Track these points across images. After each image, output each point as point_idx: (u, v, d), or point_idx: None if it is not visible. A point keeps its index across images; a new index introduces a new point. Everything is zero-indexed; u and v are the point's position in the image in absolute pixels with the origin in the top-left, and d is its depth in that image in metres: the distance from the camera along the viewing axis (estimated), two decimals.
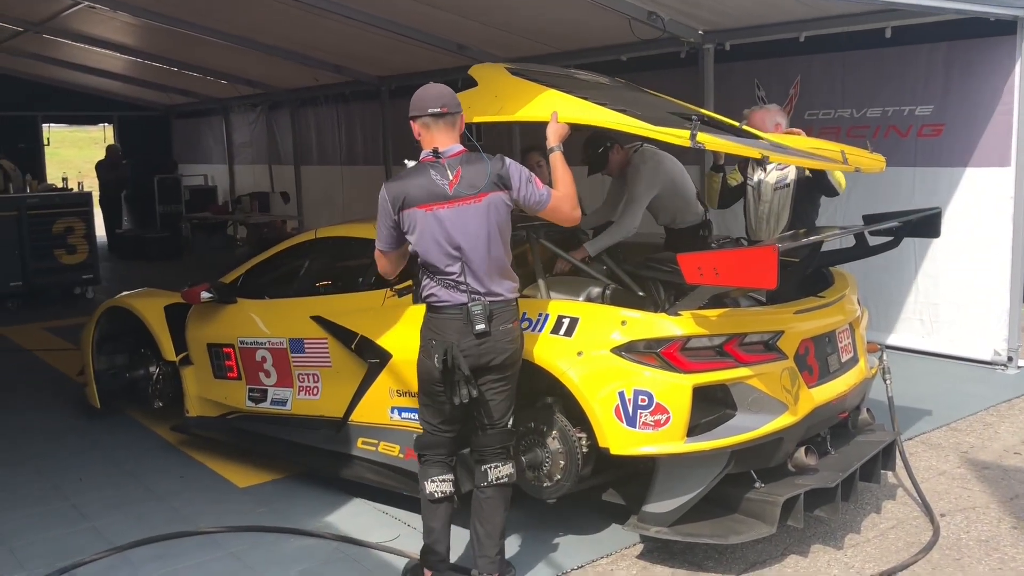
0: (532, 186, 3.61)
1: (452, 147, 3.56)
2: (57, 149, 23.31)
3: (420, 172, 3.53)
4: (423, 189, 3.49)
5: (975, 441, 5.28)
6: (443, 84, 3.64)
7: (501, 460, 3.61)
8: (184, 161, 17.55)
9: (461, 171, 3.50)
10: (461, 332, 3.48)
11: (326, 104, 13.66)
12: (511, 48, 9.42)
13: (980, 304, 6.71)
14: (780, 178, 5.32)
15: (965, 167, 6.68)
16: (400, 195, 3.50)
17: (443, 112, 3.54)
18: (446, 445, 3.68)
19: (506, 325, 3.53)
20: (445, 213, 3.47)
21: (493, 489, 3.59)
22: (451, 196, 3.48)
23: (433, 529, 3.66)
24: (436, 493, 3.62)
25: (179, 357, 5.53)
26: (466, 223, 3.48)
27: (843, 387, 4.20)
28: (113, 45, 12.49)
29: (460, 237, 3.47)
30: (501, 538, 3.64)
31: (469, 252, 3.48)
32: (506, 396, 3.62)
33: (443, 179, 3.49)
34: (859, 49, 7.21)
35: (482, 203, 3.49)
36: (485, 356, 3.50)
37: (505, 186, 3.54)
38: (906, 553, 3.93)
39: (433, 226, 3.48)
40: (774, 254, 3.40)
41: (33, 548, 4.21)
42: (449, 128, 3.57)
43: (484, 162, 3.55)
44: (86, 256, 11.08)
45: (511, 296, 3.59)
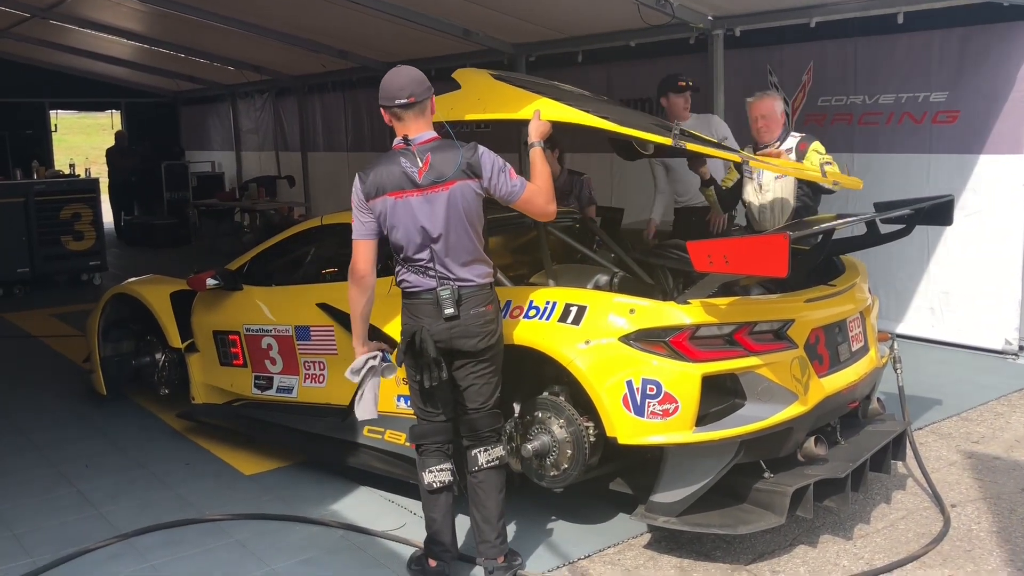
0: (505, 176, 3.59)
1: (423, 134, 3.58)
2: (65, 135, 23.31)
3: (391, 160, 3.56)
4: (393, 177, 3.52)
5: (986, 431, 5.24)
6: (411, 68, 3.62)
7: (491, 443, 3.65)
8: (191, 148, 17.57)
9: (431, 158, 3.52)
10: (432, 316, 3.54)
11: (333, 90, 13.62)
12: (518, 33, 9.36)
13: (991, 293, 6.66)
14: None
15: (979, 154, 6.61)
16: (371, 183, 3.55)
17: (410, 103, 3.54)
18: (440, 433, 3.69)
19: (477, 309, 3.56)
20: (415, 200, 3.51)
21: (484, 473, 3.62)
22: (420, 184, 3.51)
23: (434, 520, 3.67)
24: (434, 483, 3.64)
25: (185, 344, 5.52)
26: (435, 210, 3.51)
27: (853, 376, 4.16)
28: (120, 31, 12.46)
29: (429, 224, 3.51)
30: (499, 522, 3.64)
31: (437, 239, 3.52)
32: (488, 381, 3.64)
33: (413, 167, 3.52)
34: (871, 35, 7.13)
35: (449, 191, 3.51)
36: (457, 340, 3.54)
37: (475, 174, 3.54)
38: (916, 544, 3.90)
39: (403, 213, 3.51)
40: (785, 242, 3.36)
41: (39, 535, 4.21)
42: (419, 116, 3.57)
43: (455, 150, 3.56)
44: (93, 243, 11.10)
45: (482, 281, 3.61)
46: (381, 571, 3.78)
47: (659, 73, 8.68)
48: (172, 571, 3.83)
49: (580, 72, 9.46)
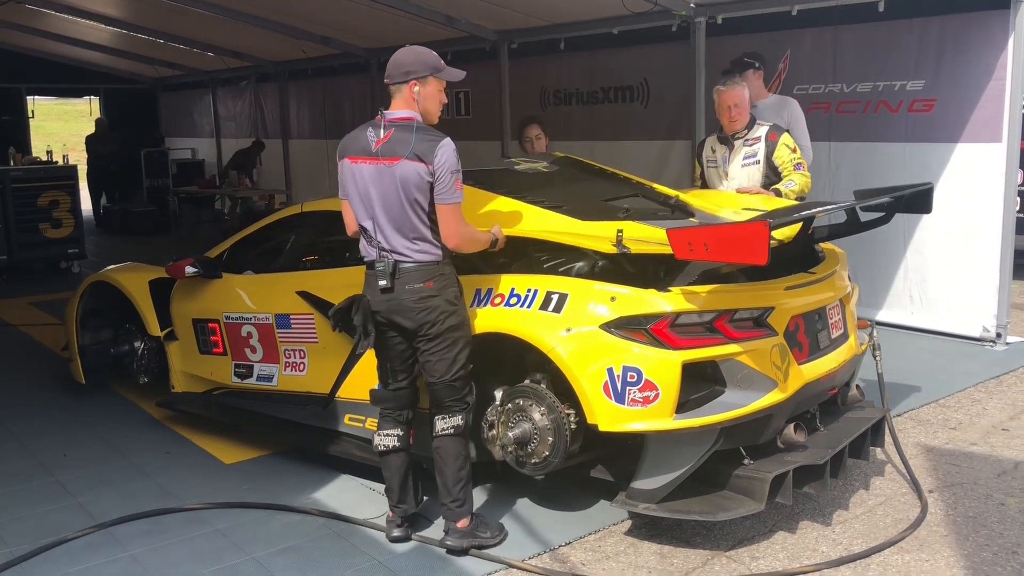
0: (449, 179, 3.61)
1: (399, 112, 3.71)
2: (42, 122, 23.10)
3: (362, 128, 3.77)
4: (356, 143, 3.74)
5: (963, 418, 5.28)
6: (408, 50, 3.76)
7: (448, 412, 3.75)
8: (171, 135, 17.40)
9: (392, 134, 3.66)
10: (373, 288, 3.72)
11: (314, 77, 13.52)
12: (501, 21, 9.33)
13: (970, 280, 6.71)
14: (748, 154, 5.34)
15: (956, 143, 6.65)
16: (341, 146, 3.81)
17: (387, 83, 3.75)
18: (393, 400, 3.89)
19: (413, 285, 3.65)
20: (366, 168, 3.69)
21: (440, 439, 3.76)
22: (373, 153, 3.67)
23: (387, 477, 3.94)
24: (380, 446, 3.90)
25: (164, 332, 5.48)
26: (380, 182, 3.65)
27: (833, 363, 4.18)
28: (98, 16, 12.32)
29: (373, 193, 3.67)
30: (456, 486, 3.75)
31: (379, 210, 3.67)
32: (441, 358, 3.71)
33: (375, 136, 3.69)
34: (851, 23, 7.15)
35: (394, 167, 3.62)
36: (394, 314, 3.70)
37: (422, 159, 3.59)
38: (894, 530, 3.93)
39: (355, 178, 3.72)
40: (765, 230, 3.36)
41: (17, 525, 4.18)
42: (396, 96, 3.73)
43: (416, 134, 3.63)
44: (72, 230, 11.01)
45: (423, 258, 3.67)
46: (362, 559, 3.78)
47: (641, 60, 8.75)
48: (152, 561, 3.81)
49: (562, 60, 9.46)
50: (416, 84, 3.69)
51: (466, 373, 3.79)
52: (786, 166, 5.30)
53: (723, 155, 5.45)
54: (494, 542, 3.81)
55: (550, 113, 9.66)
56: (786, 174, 5.29)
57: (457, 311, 3.74)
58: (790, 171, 5.29)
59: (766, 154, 5.31)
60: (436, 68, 3.73)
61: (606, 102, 9.23)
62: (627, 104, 9.02)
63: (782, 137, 5.32)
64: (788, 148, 5.30)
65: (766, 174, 5.34)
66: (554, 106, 9.78)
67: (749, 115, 5.38)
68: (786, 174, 5.29)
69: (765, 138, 5.33)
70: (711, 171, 5.54)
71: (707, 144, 5.62)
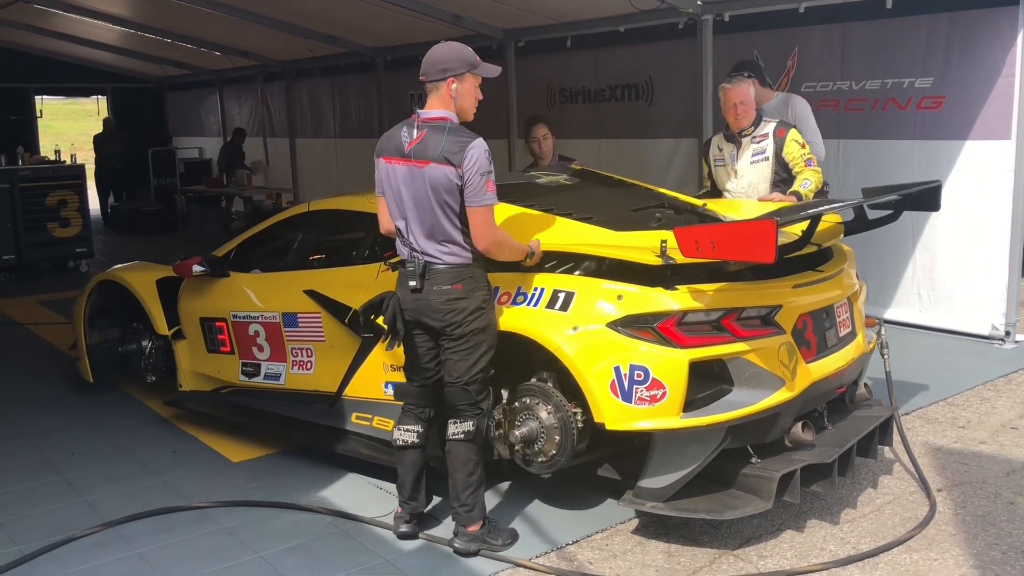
0: (479, 180, 3.57)
1: (434, 111, 3.69)
2: (50, 121, 23.13)
3: (399, 127, 3.75)
4: (391, 142, 3.73)
5: (972, 416, 5.26)
6: (444, 46, 3.72)
7: (461, 417, 3.74)
8: (178, 134, 17.44)
9: (425, 135, 3.63)
10: (404, 286, 3.72)
11: (321, 76, 13.53)
12: (508, 19, 9.32)
13: (979, 278, 6.68)
14: (757, 151, 5.32)
15: (965, 140, 6.62)
16: (379, 143, 3.80)
17: (423, 80, 3.71)
18: (416, 396, 3.90)
19: (441, 287, 3.65)
20: (399, 169, 3.68)
21: (451, 444, 3.76)
22: (406, 154, 3.65)
23: (400, 472, 3.94)
24: (399, 440, 3.89)
25: (172, 331, 5.49)
26: (412, 184, 3.65)
27: (841, 362, 4.17)
28: (106, 16, 12.34)
29: (405, 195, 3.67)
30: (466, 492, 3.74)
31: (410, 212, 3.67)
32: (462, 358, 3.70)
33: (408, 137, 3.67)
34: (859, 20, 7.12)
35: (424, 170, 3.61)
36: (422, 313, 3.70)
37: (452, 163, 3.57)
38: (902, 528, 3.92)
39: (389, 178, 3.72)
40: (773, 228, 3.35)
41: (25, 523, 4.19)
42: (432, 94, 3.70)
43: (448, 135, 3.60)
44: (80, 229, 11.04)
45: (453, 261, 3.67)
46: (370, 557, 3.78)
47: (648, 58, 8.74)
48: (160, 559, 3.82)
49: (569, 57, 9.45)
50: (454, 81, 3.66)
51: (484, 378, 3.77)
52: (797, 162, 5.26)
53: (731, 153, 5.42)
54: (503, 547, 3.79)
55: (556, 111, 9.65)
56: (798, 170, 5.25)
57: (484, 315, 3.73)
58: (801, 167, 5.25)
59: (775, 151, 5.28)
60: (473, 64, 3.70)
61: (613, 100, 9.22)
62: (634, 102, 9.01)
63: (790, 133, 5.30)
64: (797, 144, 5.28)
65: (776, 171, 5.31)
66: (561, 104, 9.77)
67: (756, 112, 5.36)
68: (798, 170, 5.25)
69: (773, 134, 5.30)
70: (719, 170, 5.51)
71: (713, 143, 5.59)
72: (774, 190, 5.28)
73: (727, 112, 5.36)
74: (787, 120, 5.64)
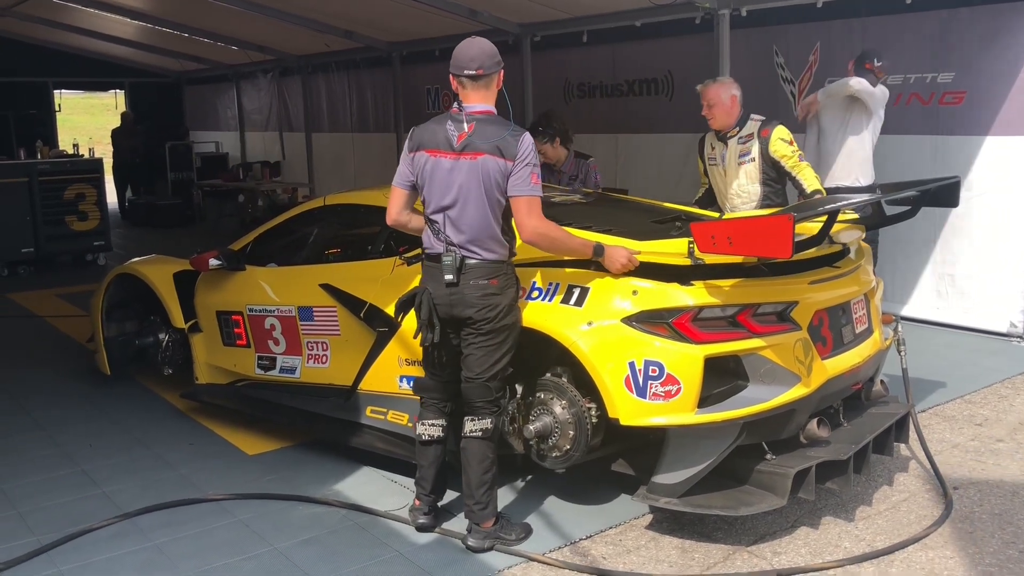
0: (526, 171, 3.60)
1: (478, 106, 3.68)
2: (69, 115, 23.30)
3: (440, 120, 3.73)
4: (435, 136, 3.69)
5: (989, 414, 5.23)
6: (484, 40, 3.73)
7: (479, 415, 3.74)
8: (195, 128, 17.52)
9: (474, 127, 3.63)
10: (436, 281, 3.68)
11: (337, 71, 13.56)
12: (523, 13, 9.30)
13: (997, 275, 6.63)
14: (742, 152, 5.30)
15: (986, 135, 6.57)
16: (415, 138, 3.75)
17: (478, 75, 3.66)
18: (438, 389, 3.89)
19: (477, 281, 3.64)
20: (445, 162, 3.65)
21: (467, 441, 3.75)
22: (455, 148, 3.63)
23: (421, 466, 3.94)
24: (424, 435, 3.89)
25: (188, 324, 5.52)
26: (458, 177, 3.62)
27: (857, 358, 4.14)
28: (124, 10, 12.39)
29: (449, 188, 3.63)
30: (480, 489, 3.74)
31: (454, 205, 3.64)
32: (486, 353, 3.70)
33: (456, 131, 3.65)
34: (879, 15, 7.07)
35: (476, 162, 3.60)
36: (456, 307, 3.67)
37: (504, 155, 3.58)
38: (918, 526, 3.89)
39: (433, 172, 3.67)
40: (790, 223, 3.34)
41: (43, 513, 4.23)
42: (482, 89, 3.69)
43: (500, 127, 3.63)
44: (97, 223, 11.12)
45: (490, 256, 3.67)
46: (384, 550, 3.79)
47: (665, 53, 8.70)
48: (175, 550, 3.85)
49: (585, 52, 9.42)
50: (503, 71, 3.74)
51: (504, 375, 3.78)
52: (789, 158, 5.22)
53: (721, 153, 5.43)
54: (517, 542, 3.79)
55: (573, 106, 9.64)
56: (791, 165, 5.21)
57: (514, 312, 3.75)
58: (795, 163, 5.21)
59: (760, 150, 5.26)
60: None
61: (630, 95, 9.19)
62: (651, 97, 8.98)
63: (775, 131, 5.25)
64: (784, 141, 5.24)
65: (763, 170, 5.28)
66: (578, 99, 9.75)
67: (735, 114, 5.32)
68: (791, 165, 5.21)
69: (757, 134, 5.28)
70: (712, 169, 5.54)
71: (707, 141, 5.57)
72: (764, 189, 5.28)
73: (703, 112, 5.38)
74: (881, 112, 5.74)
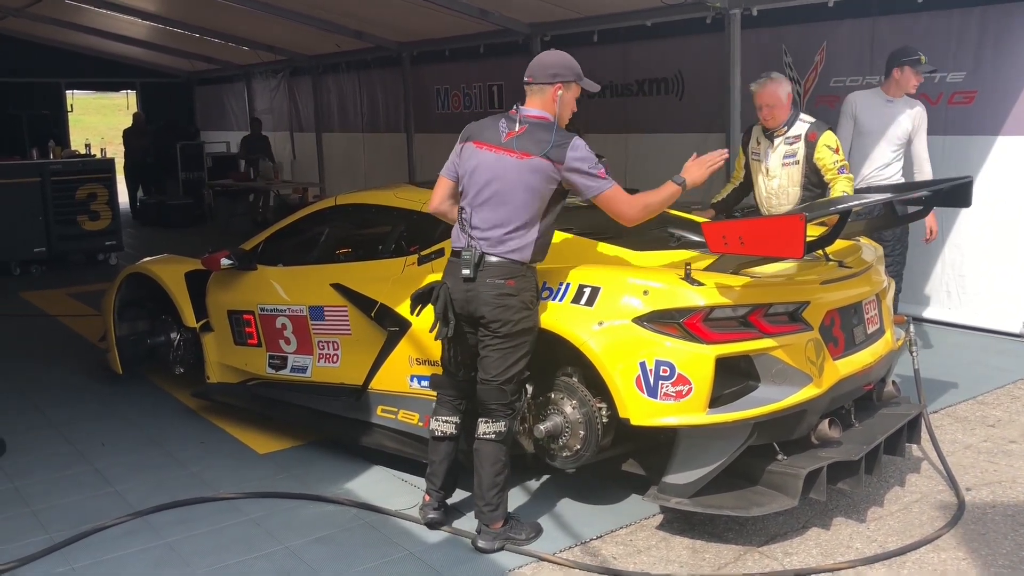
0: (595, 173, 3.67)
1: (534, 110, 3.75)
2: (81, 116, 23.38)
3: (497, 118, 3.80)
4: (487, 130, 3.76)
5: (1002, 415, 5.20)
6: (554, 53, 3.84)
7: (492, 417, 3.73)
8: (206, 128, 17.58)
9: (526, 130, 3.68)
10: (455, 275, 3.70)
11: (347, 71, 13.59)
12: (534, 13, 9.30)
13: (1008, 276, 6.60)
14: (788, 153, 5.21)
15: (997, 135, 6.54)
16: (469, 130, 3.82)
17: (528, 82, 3.78)
18: (454, 387, 3.90)
19: (494, 280, 3.65)
20: (489, 156, 3.69)
21: (480, 442, 3.75)
22: (503, 144, 3.68)
23: (433, 462, 3.94)
24: (437, 431, 3.90)
25: (200, 323, 5.54)
26: (498, 172, 3.66)
27: (869, 359, 4.13)
28: (135, 11, 12.45)
29: (488, 183, 3.66)
30: (491, 491, 3.73)
31: (488, 199, 3.67)
32: (501, 356, 3.69)
33: (507, 128, 3.71)
34: (889, 14, 7.04)
35: (523, 162, 3.63)
36: (471, 303, 3.68)
37: (552, 159, 3.62)
38: (930, 527, 3.88)
39: (475, 162, 3.71)
40: (801, 223, 3.33)
41: (56, 511, 4.25)
42: (535, 95, 3.76)
43: (551, 133, 3.66)
44: (109, 222, 11.17)
45: (511, 257, 3.67)
46: (394, 549, 3.80)
47: (676, 53, 8.69)
48: (187, 548, 3.86)
49: (596, 52, 9.42)
50: (561, 88, 3.74)
51: (520, 378, 3.77)
52: (830, 169, 5.08)
53: (765, 149, 5.31)
54: (527, 542, 3.79)
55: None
56: (830, 178, 5.09)
57: (531, 315, 3.74)
58: (834, 175, 5.07)
59: (806, 155, 5.14)
60: (579, 75, 3.79)
61: (640, 95, 9.19)
62: (662, 96, 8.97)
63: (822, 137, 5.11)
64: (830, 149, 5.10)
65: (806, 174, 5.17)
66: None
67: (789, 112, 5.24)
68: (830, 178, 5.09)
69: (805, 138, 5.14)
70: (754, 163, 5.39)
71: (753, 134, 5.43)
72: (804, 194, 5.21)
73: (758, 112, 5.27)
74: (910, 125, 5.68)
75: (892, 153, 5.81)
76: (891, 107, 5.82)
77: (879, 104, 5.85)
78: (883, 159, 5.80)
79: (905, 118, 5.79)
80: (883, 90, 5.89)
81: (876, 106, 5.86)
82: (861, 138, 5.86)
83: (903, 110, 5.81)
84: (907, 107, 5.84)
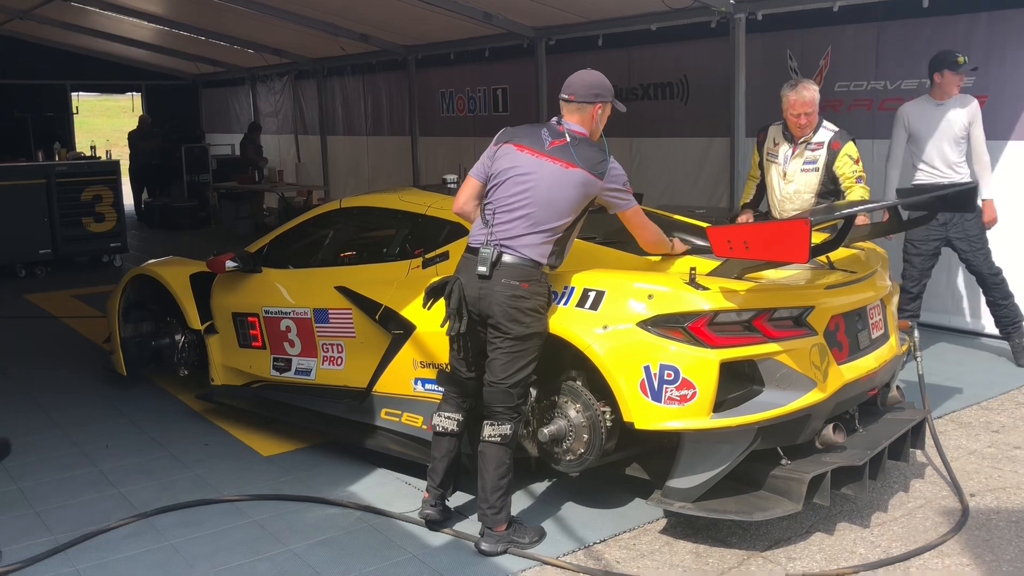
0: (626, 189, 3.86)
1: (576, 125, 3.83)
2: (86, 118, 23.46)
3: (536, 126, 3.87)
4: (527, 135, 3.82)
5: (1007, 420, 5.20)
6: (593, 73, 3.94)
7: (498, 420, 3.73)
8: (211, 131, 17.61)
9: (568, 142, 3.74)
10: (470, 272, 3.72)
11: (352, 74, 13.60)
12: (538, 17, 9.31)
13: (1015, 281, 6.57)
14: (809, 159, 5.20)
15: (1007, 140, 6.53)
16: (508, 133, 3.87)
17: (569, 99, 3.84)
18: (460, 385, 3.91)
19: (509, 281, 3.67)
20: (527, 159, 3.73)
21: (484, 445, 3.75)
22: (546, 151, 3.73)
23: (434, 457, 3.95)
24: (439, 427, 3.91)
25: (204, 326, 5.55)
26: (539, 178, 3.69)
27: (873, 364, 4.13)
28: (141, 13, 12.48)
29: (525, 185, 3.69)
30: (495, 494, 3.74)
31: (519, 201, 3.69)
32: (510, 359, 3.70)
33: (550, 136, 3.78)
34: (895, 19, 7.04)
35: (568, 172, 3.69)
36: (483, 301, 3.70)
37: (594, 174, 3.72)
38: (934, 533, 3.88)
39: (511, 161, 3.75)
40: (807, 227, 3.33)
41: (60, 513, 4.26)
42: (575, 112, 3.84)
43: (595, 151, 3.77)
44: (114, 224, 11.18)
45: (529, 257, 3.69)
46: (398, 552, 3.80)
47: (680, 57, 8.69)
48: (191, 550, 3.86)
49: (600, 56, 9.42)
50: (600, 107, 3.86)
51: (527, 382, 3.78)
52: (848, 178, 5.09)
53: (785, 153, 5.28)
54: (530, 545, 3.79)
55: None
56: (847, 186, 5.09)
57: (541, 320, 3.75)
58: (851, 183, 5.08)
59: (826, 162, 5.14)
60: (614, 96, 3.94)
61: (645, 99, 9.18)
62: (667, 101, 8.97)
63: (845, 147, 5.11)
64: (851, 159, 5.10)
65: (824, 182, 5.18)
66: None
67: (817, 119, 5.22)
68: (847, 186, 5.09)
69: (828, 145, 5.13)
70: (770, 165, 5.37)
71: (770, 134, 5.41)
72: (820, 201, 5.20)
73: (791, 120, 5.19)
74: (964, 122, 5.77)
75: (956, 151, 5.90)
76: (941, 109, 5.91)
77: (929, 109, 5.96)
78: (949, 158, 5.89)
79: (956, 116, 5.87)
80: (931, 96, 6.00)
81: (926, 112, 5.97)
82: (919, 144, 5.98)
83: (953, 108, 5.89)
84: (958, 105, 5.91)
